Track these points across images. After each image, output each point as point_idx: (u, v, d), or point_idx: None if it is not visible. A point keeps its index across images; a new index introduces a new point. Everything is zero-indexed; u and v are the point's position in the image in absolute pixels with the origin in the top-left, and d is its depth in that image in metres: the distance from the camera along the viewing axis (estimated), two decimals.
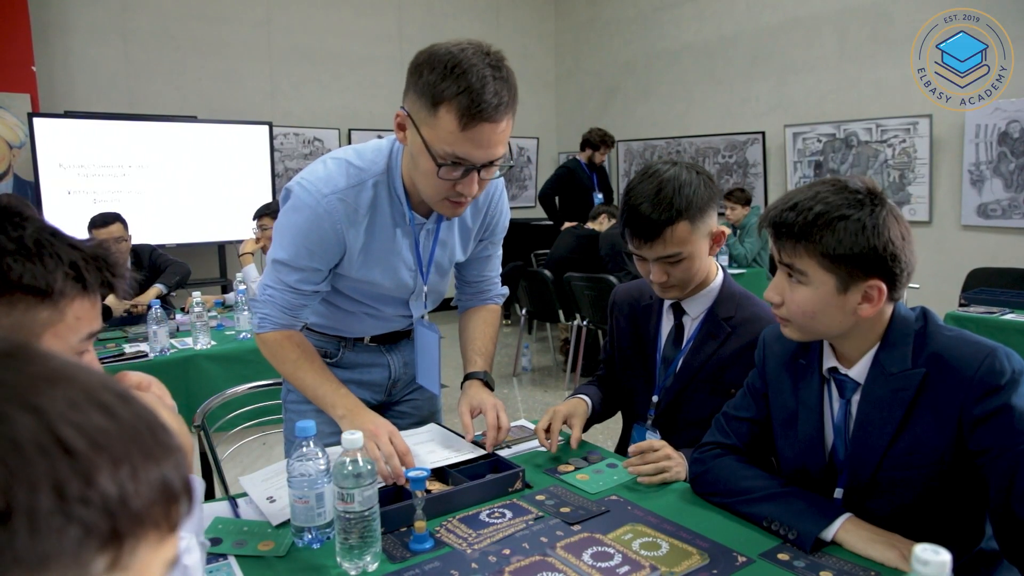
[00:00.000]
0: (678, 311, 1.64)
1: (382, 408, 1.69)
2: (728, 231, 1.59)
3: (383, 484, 1.30)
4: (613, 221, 4.98)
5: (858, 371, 1.21)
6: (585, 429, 1.66)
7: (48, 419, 0.36)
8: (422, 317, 1.66)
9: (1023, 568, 1.07)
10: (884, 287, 1.12)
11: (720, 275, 1.63)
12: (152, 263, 3.97)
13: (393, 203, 1.45)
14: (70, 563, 0.35)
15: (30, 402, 0.36)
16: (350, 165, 1.41)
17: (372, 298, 1.56)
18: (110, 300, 3.01)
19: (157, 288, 3.79)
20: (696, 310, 1.62)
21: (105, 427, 0.38)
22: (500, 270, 1.77)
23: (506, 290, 1.79)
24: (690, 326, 1.63)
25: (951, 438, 1.10)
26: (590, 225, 5.18)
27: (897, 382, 1.15)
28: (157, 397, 1.00)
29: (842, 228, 1.10)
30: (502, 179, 1.58)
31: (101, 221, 3.65)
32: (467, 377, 1.62)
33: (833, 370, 1.24)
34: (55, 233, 0.83)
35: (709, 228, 1.53)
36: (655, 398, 1.66)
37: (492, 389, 1.61)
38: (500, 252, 1.74)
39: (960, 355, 1.11)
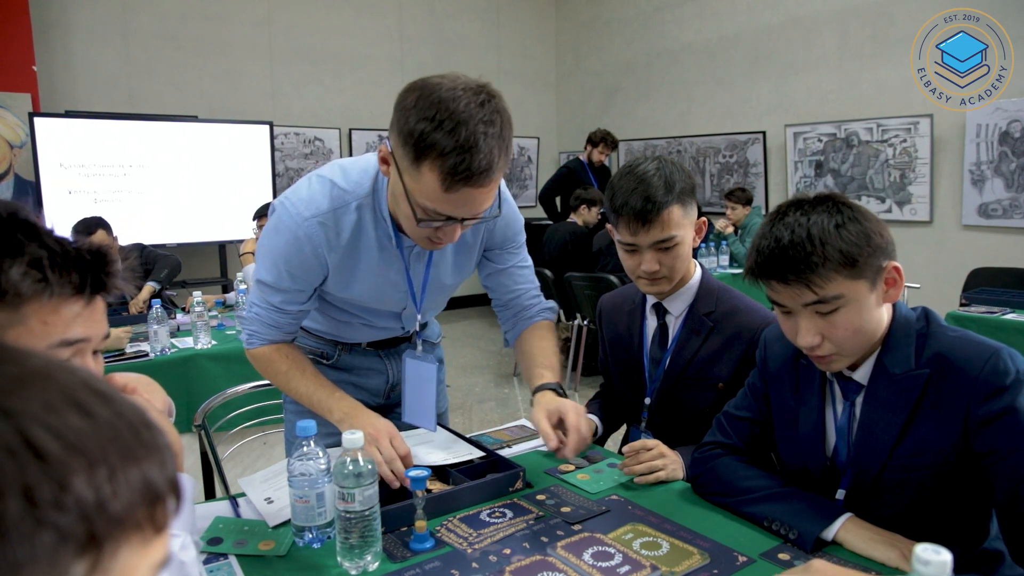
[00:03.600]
0: (661, 311, 1.66)
1: (380, 411, 1.64)
2: (706, 222, 1.61)
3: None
4: (595, 209, 5.02)
5: (862, 373, 1.20)
6: (601, 444, 1.73)
7: (19, 421, 0.35)
8: (414, 347, 1.60)
9: None
10: (899, 265, 1.14)
11: (698, 272, 1.65)
12: (142, 262, 3.92)
13: (379, 225, 1.38)
14: (45, 569, 0.34)
15: (0, 404, 0.35)
16: (334, 186, 1.35)
17: (363, 311, 1.54)
18: None
19: (150, 287, 3.76)
20: (678, 308, 1.64)
21: (81, 428, 0.36)
22: (536, 283, 1.65)
23: (553, 304, 1.67)
24: (673, 325, 1.65)
25: (956, 439, 1.10)
26: (573, 218, 5.19)
27: (901, 384, 1.15)
28: (146, 400, 0.98)
29: (847, 233, 1.10)
30: (503, 183, 1.53)
31: (84, 228, 3.48)
32: (537, 390, 1.52)
33: (837, 372, 1.24)
34: (29, 231, 0.77)
35: (694, 217, 1.57)
36: (647, 400, 1.67)
37: (562, 395, 1.52)
38: (529, 262, 1.63)
39: (964, 356, 1.10)
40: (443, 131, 1.10)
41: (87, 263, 0.81)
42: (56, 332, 0.78)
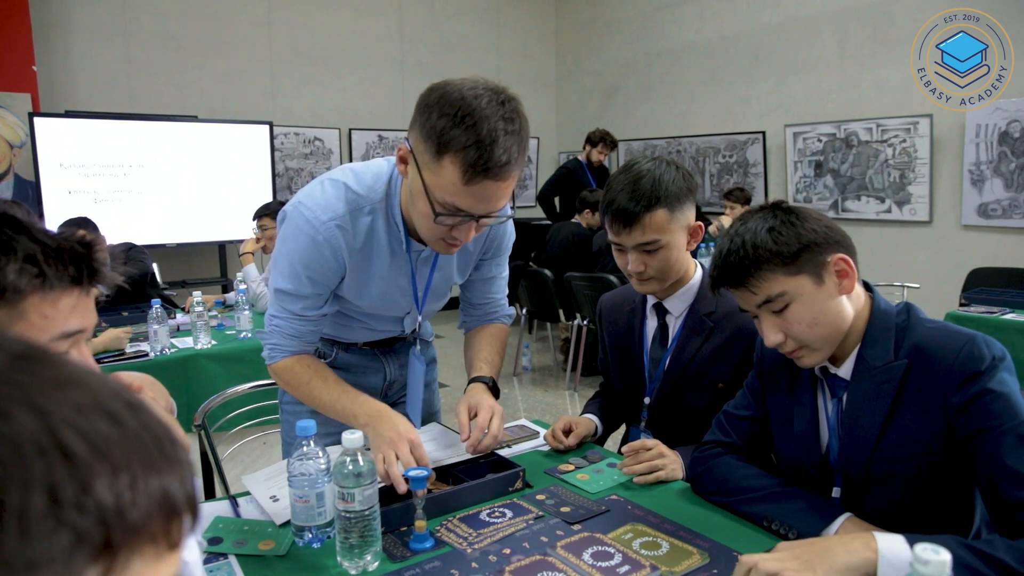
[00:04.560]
0: (661, 311, 1.66)
1: None
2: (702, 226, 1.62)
3: (383, 484, 1.30)
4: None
5: (845, 369, 1.22)
6: (600, 443, 1.74)
7: (51, 421, 0.35)
8: (416, 347, 1.63)
9: None
10: (846, 256, 1.17)
11: (699, 272, 1.65)
12: (124, 260, 3.87)
13: (391, 230, 1.40)
14: (59, 571, 0.34)
15: (36, 403, 0.36)
16: (348, 189, 1.37)
17: (364, 315, 1.54)
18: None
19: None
20: (678, 308, 1.64)
21: (108, 434, 0.37)
22: (506, 291, 1.71)
23: (512, 311, 1.74)
24: (673, 325, 1.65)
25: (938, 429, 1.12)
26: (577, 219, 5.20)
27: (881, 376, 1.17)
28: (151, 399, 0.98)
29: (776, 235, 1.15)
30: None
31: (66, 226, 3.50)
32: (471, 381, 1.58)
33: (823, 370, 1.26)
34: (16, 226, 0.77)
35: (687, 220, 1.56)
36: (647, 399, 1.67)
37: (497, 396, 1.57)
38: (506, 272, 1.69)
39: (939, 345, 1.12)
40: (464, 126, 1.14)
41: (80, 255, 0.81)
42: (56, 325, 0.79)
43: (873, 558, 0.97)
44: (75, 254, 0.81)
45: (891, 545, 0.97)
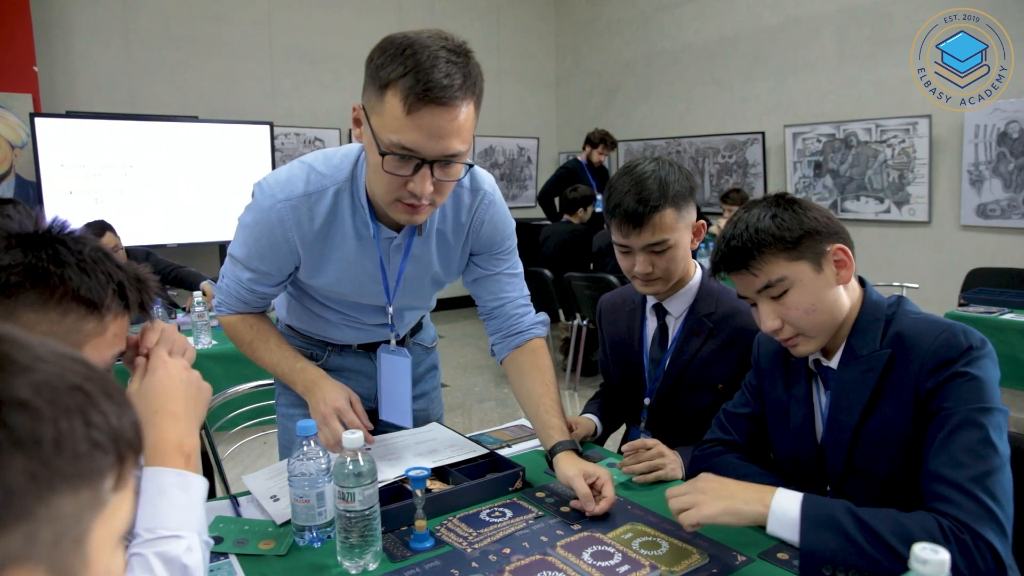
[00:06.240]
0: (661, 312, 1.66)
1: (371, 414, 1.54)
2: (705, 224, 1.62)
3: (383, 483, 1.30)
4: (590, 208, 5.09)
5: (836, 359, 1.24)
6: (600, 443, 1.74)
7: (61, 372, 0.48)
8: (388, 343, 1.55)
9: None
10: (845, 247, 1.19)
11: (699, 273, 1.66)
12: (155, 271, 3.87)
13: (356, 212, 1.35)
14: (99, 477, 0.47)
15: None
16: (313, 170, 1.34)
17: (347, 307, 1.51)
18: None
19: (207, 284, 3.65)
20: (678, 309, 1.64)
21: (91, 376, 0.49)
22: (526, 292, 1.56)
23: (545, 317, 1.57)
24: (673, 326, 1.65)
25: (912, 414, 1.13)
26: (567, 218, 5.22)
27: (865, 364, 1.19)
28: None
29: (780, 221, 1.19)
30: (486, 186, 1.44)
31: (94, 231, 3.50)
32: (555, 450, 1.38)
33: (817, 362, 1.28)
34: (107, 254, 0.90)
35: (691, 219, 1.57)
36: (646, 400, 1.67)
37: (580, 455, 1.39)
38: (518, 270, 1.54)
39: (919, 333, 1.15)
40: (403, 57, 1.12)
41: (143, 284, 0.93)
42: (118, 344, 0.92)
43: (764, 512, 1.09)
44: (145, 285, 0.93)
45: (784, 502, 1.08)
